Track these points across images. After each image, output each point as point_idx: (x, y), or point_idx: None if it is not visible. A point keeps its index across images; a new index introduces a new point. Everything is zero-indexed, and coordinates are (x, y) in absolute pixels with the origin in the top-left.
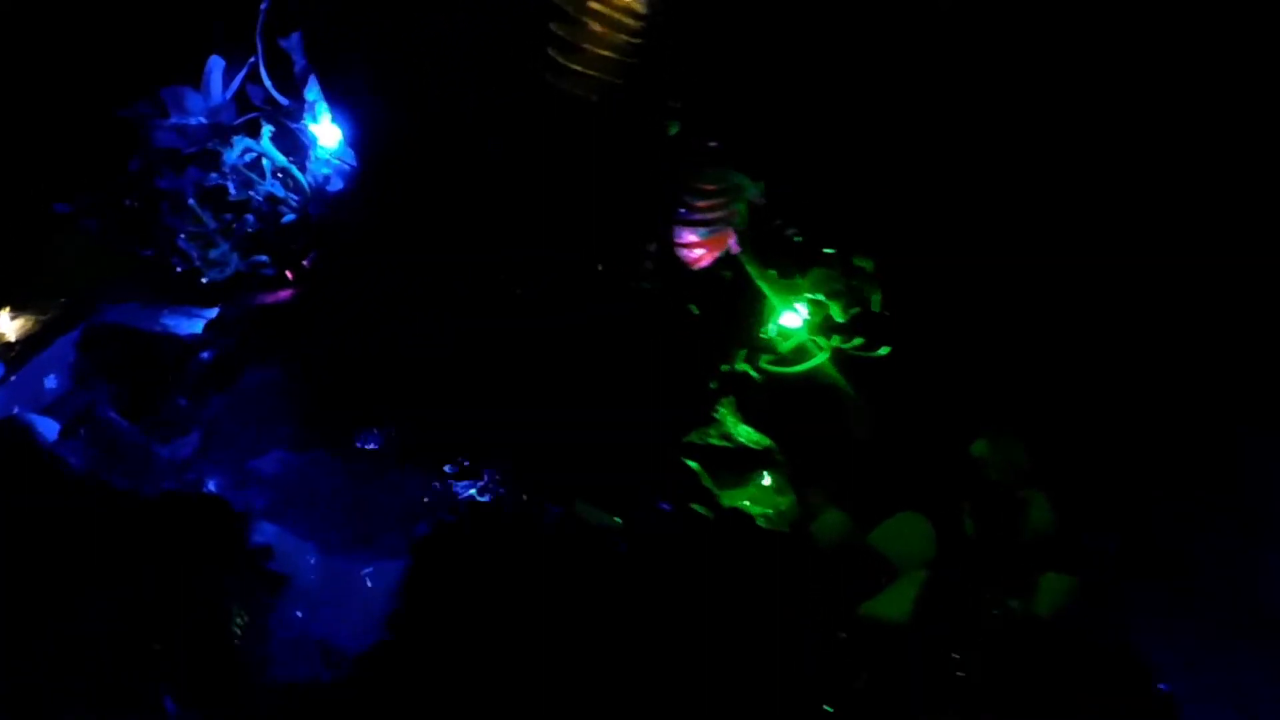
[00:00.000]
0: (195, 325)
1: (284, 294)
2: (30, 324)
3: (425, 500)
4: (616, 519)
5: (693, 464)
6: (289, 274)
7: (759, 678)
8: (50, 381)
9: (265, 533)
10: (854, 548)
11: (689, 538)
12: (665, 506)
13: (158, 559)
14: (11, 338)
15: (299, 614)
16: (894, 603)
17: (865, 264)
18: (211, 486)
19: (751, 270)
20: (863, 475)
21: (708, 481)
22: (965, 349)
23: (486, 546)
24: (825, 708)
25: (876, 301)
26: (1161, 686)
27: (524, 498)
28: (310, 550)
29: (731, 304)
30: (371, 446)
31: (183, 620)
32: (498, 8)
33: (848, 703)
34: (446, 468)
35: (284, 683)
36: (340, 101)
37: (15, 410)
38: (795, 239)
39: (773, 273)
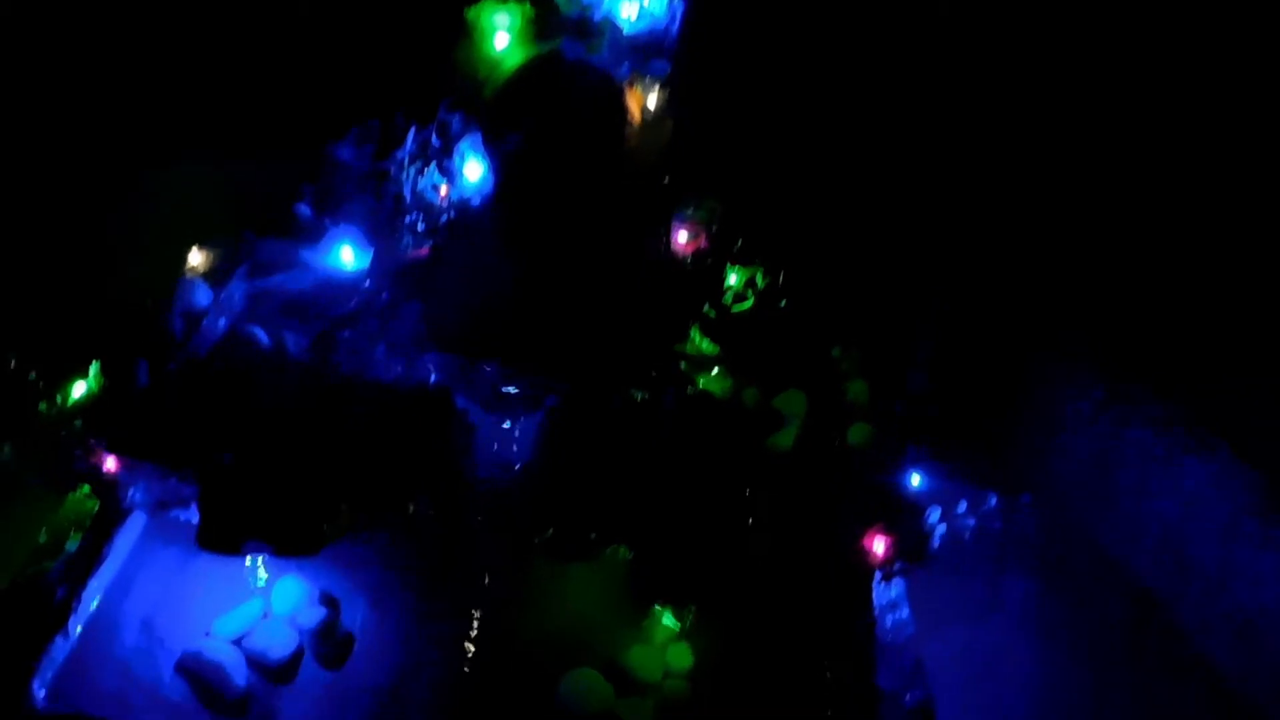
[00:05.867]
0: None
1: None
2: (215, 257)
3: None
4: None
5: (682, 364)
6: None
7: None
8: (236, 302)
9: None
10: (764, 407)
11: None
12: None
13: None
14: (203, 269)
15: None
16: (784, 437)
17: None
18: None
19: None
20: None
21: (686, 368)
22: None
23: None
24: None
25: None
26: None
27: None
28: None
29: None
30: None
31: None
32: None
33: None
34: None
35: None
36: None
37: (236, 324)
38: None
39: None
